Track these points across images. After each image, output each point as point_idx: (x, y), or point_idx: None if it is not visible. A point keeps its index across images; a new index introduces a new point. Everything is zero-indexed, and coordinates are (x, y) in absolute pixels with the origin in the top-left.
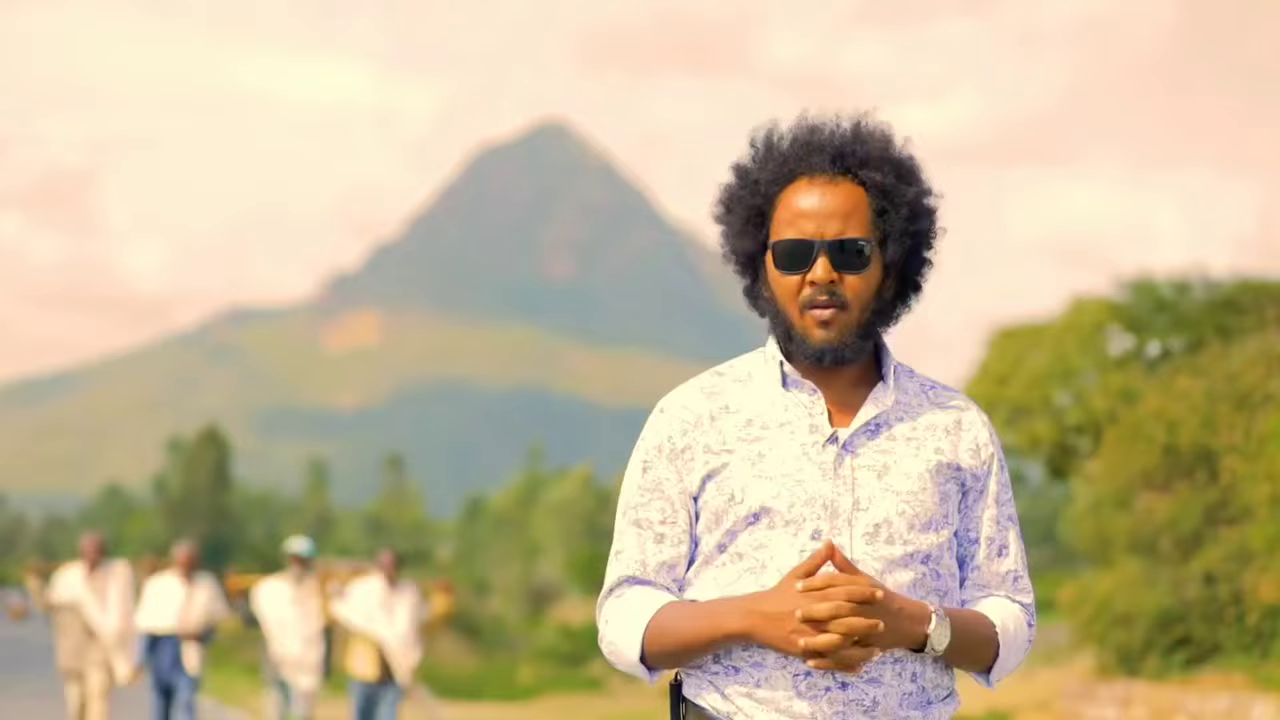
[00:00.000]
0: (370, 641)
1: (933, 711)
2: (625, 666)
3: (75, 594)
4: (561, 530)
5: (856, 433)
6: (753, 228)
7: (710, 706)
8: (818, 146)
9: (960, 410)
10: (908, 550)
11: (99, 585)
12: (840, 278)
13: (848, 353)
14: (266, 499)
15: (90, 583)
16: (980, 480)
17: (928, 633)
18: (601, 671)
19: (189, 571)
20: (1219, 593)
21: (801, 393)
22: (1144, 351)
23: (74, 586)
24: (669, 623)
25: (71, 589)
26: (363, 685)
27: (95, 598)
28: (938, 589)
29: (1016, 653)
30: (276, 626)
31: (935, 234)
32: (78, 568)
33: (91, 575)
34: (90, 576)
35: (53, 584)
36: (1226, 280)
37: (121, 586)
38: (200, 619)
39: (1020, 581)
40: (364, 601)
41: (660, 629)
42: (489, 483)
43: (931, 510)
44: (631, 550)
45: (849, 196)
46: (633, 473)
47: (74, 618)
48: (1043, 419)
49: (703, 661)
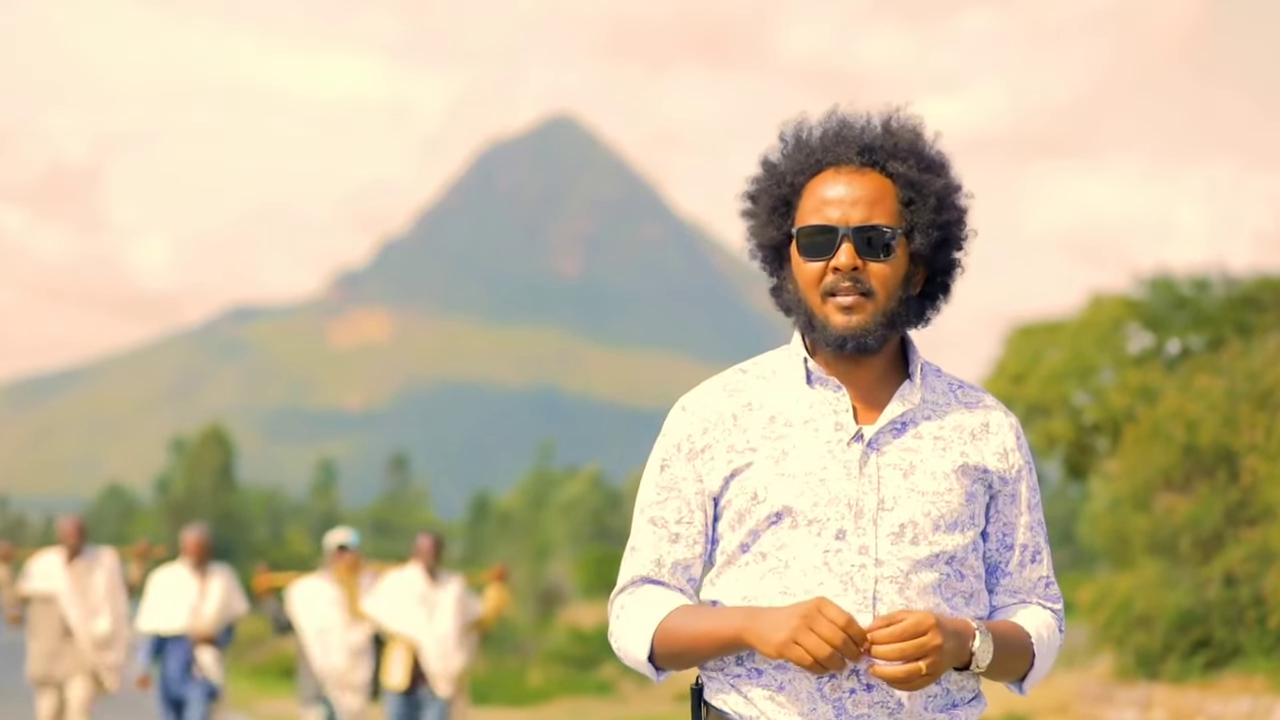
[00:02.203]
0: (407, 645)
1: (958, 714)
2: (633, 664)
3: (52, 585)
4: (571, 531)
5: (882, 430)
6: (778, 218)
7: (733, 710)
8: (846, 139)
9: (989, 411)
10: (933, 551)
11: (80, 576)
12: (864, 265)
13: (870, 340)
14: (272, 499)
15: (70, 572)
16: (1009, 484)
17: (973, 650)
18: (612, 675)
19: (201, 561)
20: (1240, 594)
21: (826, 389)
22: (1163, 349)
23: (50, 576)
24: (678, 626)
25: (48, 579)
26: (397, 698)
27: (75, 590)
28: (962, 590)
29: (1049, 660)
30: (317, 635)
31: (965, 235)
32: (55, 554)
33: (72, 564)
34: (70, 565)
35: (25, 572)
36: (1246, 277)
37: (109, 578)
38: (216, 617)
39: (1052, 588)
40: (399, 596)
41: (669, 632)
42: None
43: (958, 511)
44: (646, 549)
45: (875, 186)
46: (651, 471)
47: (49, 614)
48: (1060, 418)
49: (724, 664)
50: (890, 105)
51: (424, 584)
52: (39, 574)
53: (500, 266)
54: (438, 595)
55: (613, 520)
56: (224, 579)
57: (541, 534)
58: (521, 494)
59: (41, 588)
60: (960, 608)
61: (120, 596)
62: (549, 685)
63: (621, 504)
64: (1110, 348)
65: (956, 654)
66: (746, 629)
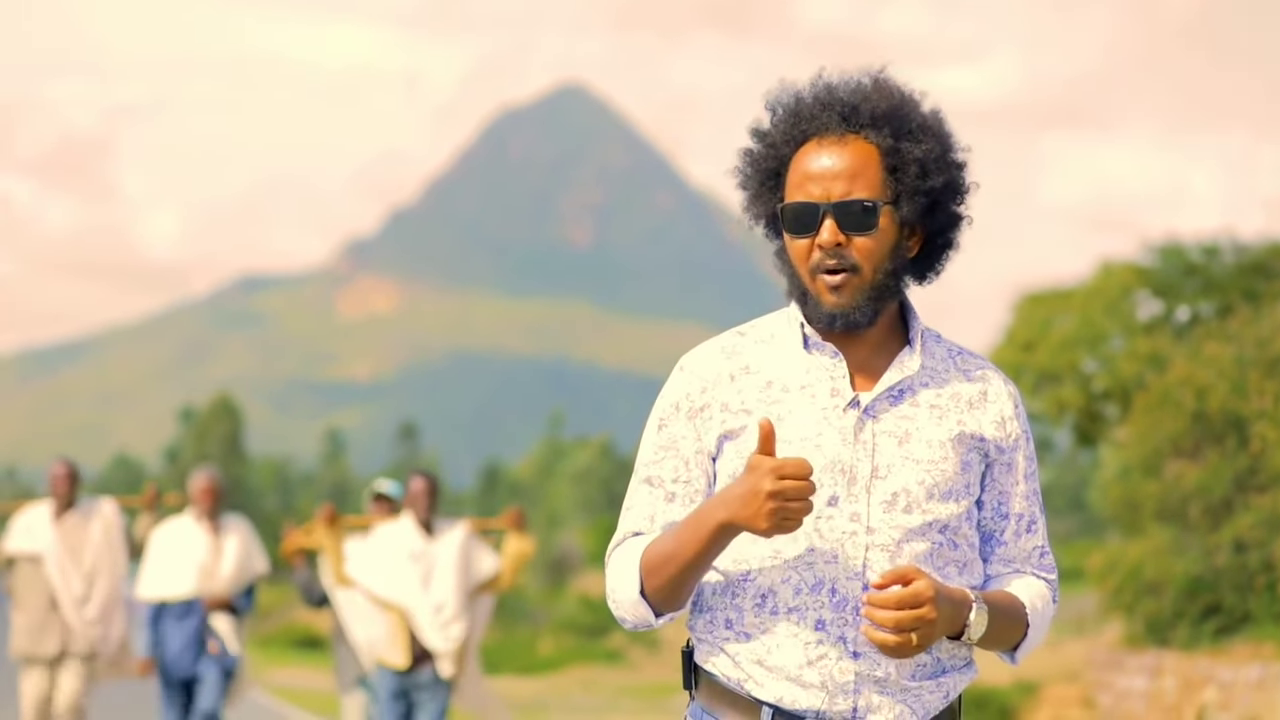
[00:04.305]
0: (399, 614)
1: (947, 680)
2: (629, 612)
3: (36, 543)
4: (581, 500)
5: (879, 398)
6: (769, 190)
7: (721, 673)
8: (829, 105)
9: (987, 379)
10: (926, 519)
11: (71, 532)
12: (848, 239)
13: (858, 316)
14: (281, 469)
15: (59, 528)
16: (1006, 453)
17: (968, 621)
18: (622, 643)
19: (213, 510)
20: (1249, 561)
21: (823, 355)
22: (1173, 316)
23: (35, 532)
24: (658, 545)
25: (32, 536)
26: (392, 678)
27: (64, 549)
28: (955, 560)
29: (1043, 631)
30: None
31: (963, 189)
32: (43, 507)
33: (62, 518)
34: (60, 520)
35: (8, 530)
36: (1256, 244)
37: (108, 534)
38: (233, 577)
39: (1046, 557)
40: (386, 555)
41: (652, 554)
42: (507, 452)
43: (952, 479)
44: (641, 507)
45: (857, 155)
46: (649, 430)
47: (35, 578)
48: (1070, 385)
49: (713, 627)
50: (874, 67)
51: (417, 538)
52: (22, 531)
53: (511, 236)
54: (434, 550)
55: (623, 489)
56: (241, 533)
57: (552, 503)
58: (532, 463)
59: (25, 547)
60: (953, 577)
61: (120, 558)
62: (560, 654)
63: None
64: (1120, 315)
65: (951, 623)
66: (734, 518)
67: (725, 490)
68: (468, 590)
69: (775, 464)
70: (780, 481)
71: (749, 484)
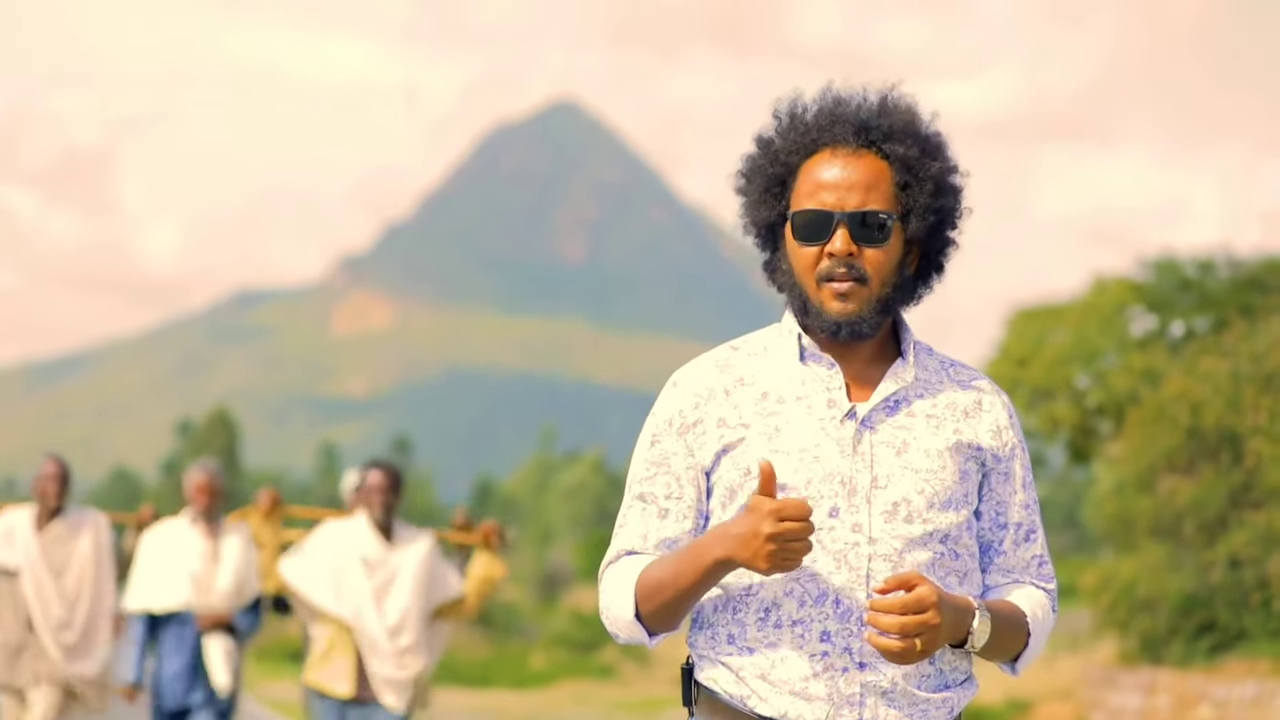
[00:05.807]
0: (343, 632)
1: (950, 696)
2: (623, 630)
3: (16, 556)
4: (573, 515)
5: (875, 408)
6: (772, 197)
7: (723, 689)
8: (842, 118)
9: (981, 390)
10: (927, 529)
11: (55, 543)
12: (859, 250)
13: (864, 327)
14: (276, 482)
15: (41, 538)
16: (1002, 462)
17: (971, 629)
18: (614, 658)
19: (211, 511)
20: (1244, 577)
21: (819, 366)
22: (1167, 332)
23: (15, 543)
24: (654, 570)
25: (11, 547)
26: (333, 705)
27: (44, 563)
28: (956, 569)
29: (1043, 640)
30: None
31: (960, 213)
32: (24, 512)
33: (45, 528)
34: (43, 529)
35: None
36: (1252, 259)
37: (96, 549)
38: (233, 589)
39: (1045, 567)
40: (331, 559)
41: (648, 579)
42: (500, 467)
43: (951, 488)
44: (634, 525)
45: (871, 169)
46: (641, 446)
47: (10, 593)
48: (1064, 401)
49: (715, 642)
50: (886, 83)
51: (373, 543)
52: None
53: (504, 251)
54: (394, 561)
55: (616, 505)
56: (243, 537)
57: (544, 518)
58: (524, 479)
59: (6, 560)
60: (954, 587)
61: (108, 576)
62: (551, 669)
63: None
64: (1114, 330)
65: (954, 630)
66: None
67: (724, 527)
68: (428, 613)
69: (775, 506)
70: (780, 524)
71: (749, 525)
